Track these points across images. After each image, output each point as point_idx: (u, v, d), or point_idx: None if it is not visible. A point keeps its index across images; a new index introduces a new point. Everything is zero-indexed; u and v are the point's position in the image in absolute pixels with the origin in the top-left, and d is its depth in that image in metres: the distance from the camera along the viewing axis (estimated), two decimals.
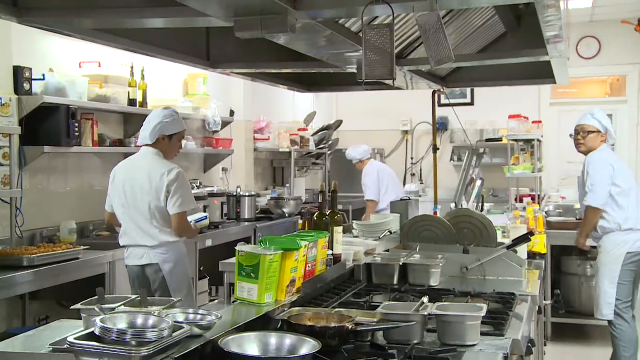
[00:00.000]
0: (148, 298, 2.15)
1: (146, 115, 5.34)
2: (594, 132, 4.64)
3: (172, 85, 6.17)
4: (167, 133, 4.13)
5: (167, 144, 4.15)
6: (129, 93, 5.16)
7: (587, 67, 9.32)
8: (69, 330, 1.90)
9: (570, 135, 4.79)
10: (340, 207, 7.01)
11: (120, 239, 4.11)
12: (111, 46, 3.39)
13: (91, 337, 1.65)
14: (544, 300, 4.89)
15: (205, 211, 5.37)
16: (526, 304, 2.89)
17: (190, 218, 4.45)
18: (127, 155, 5.44)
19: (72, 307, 2.08)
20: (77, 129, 4.53)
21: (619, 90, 9.80)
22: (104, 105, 4.89)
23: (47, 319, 4.40)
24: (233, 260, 2.44)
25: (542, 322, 4.40)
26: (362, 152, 7.50)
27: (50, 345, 1.86)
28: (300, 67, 4.15)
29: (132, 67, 5.19)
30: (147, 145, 4.13)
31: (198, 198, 5.26)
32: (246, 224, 6.19)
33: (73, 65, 4.92)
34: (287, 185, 7.76)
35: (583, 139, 4.68)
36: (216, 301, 5.55)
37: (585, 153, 4.70)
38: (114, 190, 4.15)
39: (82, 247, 4.12)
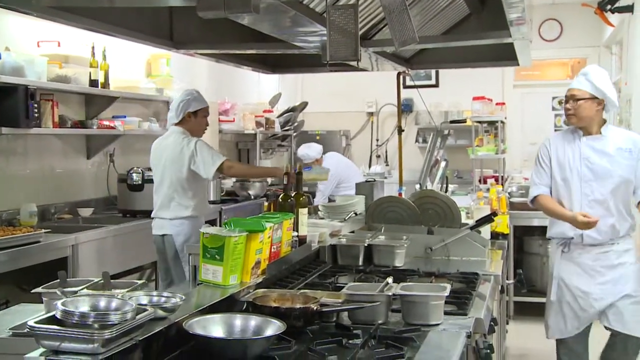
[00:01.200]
0: (111, 281, 2.13)
1: (108, 96, 5.31)
2: (586, 98, 3.56)
3: (135, 66, 6.07)
4: (191, 109, 4.46)
5: (193, 121, 4.48)
6: (90, 73, 5.06)
7: (549, 50, 9.43)
8: (30, 315, 1.88)
9: (560, 102, 4.18)
10: (305, 188, 6.99)
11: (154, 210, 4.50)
12: (70, 25, 3.31)
13: (52, 320, 1.62)
14: (507, 279, 4.98)
15: None
16: (489, 284, 2.94)
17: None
18: (89, 137, 5.41)
19: (32, 291, 2.05)
20: (36, 110, 4.43)
21: None
22: (65, 86, 4.79)
23: (7, 303, 4.32)
24: (198, 242, 2.42)
25: (504, 300, 4.48)
26: (318, 150, 7.06)
27: (10, 329, 1.83)
28: (265, 48, 4.11)
29: (93, 47, 5.08)
30: (174, 124, 4.48)
31: None
32: (211, 206, 6.15)
33: (31, 45, 4.80)
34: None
35: (572, 107, 3.60)
36: (181, 284, 5.52)
37: (582, 127, 3.64)
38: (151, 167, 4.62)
39: (43, 230, 4.06)
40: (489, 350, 2.39)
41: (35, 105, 4.42)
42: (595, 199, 3.58)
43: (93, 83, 5.08)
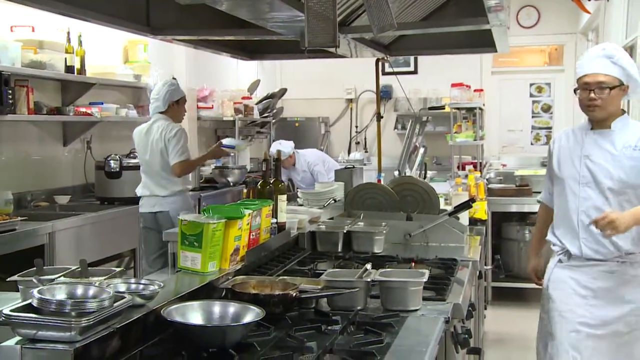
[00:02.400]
0: (89, 269, 2.11)
1: (85, 83, 5.25)
2: (616, 86, 2.85)
3: (112, 52, 6.00)
4: (174, 99, 4.96)
5: (175, 109, 4.99)
6: (65, 59, 4.99)
7: (527, 36, 9.47)
8: (5, 303, 1.85)
9: (575, 91, 2.95)
10: (283, 177, 6.98)
11: (138, 190, 4.93)
12: (44, 9, 3.26)
13: (28, 309, 1.61)
14: (485, 265, 5.02)
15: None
16: (467, 269, 2.96)
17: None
18: (65, 124, 5.35)
19: (8, 279, 2.03)
20: (10, 96, 4.37)
21: (557, 60, 10.02)
22: (40, 72, 4.72)
23: None
24: (176, 229, 2.41)
25: (482, 286, 4.52)
26: (291, 146, 7.08)
27: None
28: (243, 34, 4.08)
29: (68, 33, 5.01)
30: (159, 112, 4.94)
31: (139, 167, 5.18)
32: (190, 193, 6.12)
33: (4, 29, 4.72)
34: (232, 154, 7.69)
35: (600, 97, 2.85)
36: (160, 271, 5.50)
37: (601, 120, 2.93)
38: (137, 151, 5.07)
39: (20, 218, 4.01)
40: (467, 335, 2.41)
41: (10, 91, 4.36)
42: (594, 205, 2.88)
43: (69, 69, 5.03)
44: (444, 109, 8.05)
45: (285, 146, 6.98)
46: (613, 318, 2.88)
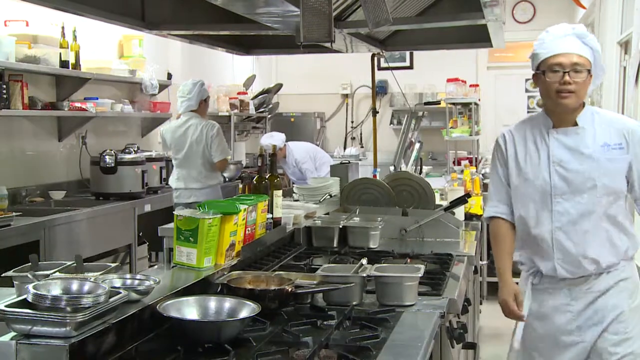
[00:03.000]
0: (84, 264, 2.11)
1: (80, 78, 5.23)
2: (589, 70, 2.45)
3: (107, 47, 5.98)
4: (204, 97, 5.41)
5: (204, 106, 5.45)
6: (60, 54, 4.97)
7: (522, 32, 9.47)
8: (0, 298, 1.85)
9: (538, 75, 2.52)
10: (280, 171, 6.99)
11: (172, 183, 5.41)
12: (38, 4, 3.25)
13: (24, 304, 1.60)
14: (480, 260, 5.03)
15: (143, 176, 5.29)
16: (463, 264, 2.96)
17: None
18: (60, 119, 5.33)
19: (3, 275, 2.02)
20: (4, 91, 4.36)
21: None
22: (34, 67, 4.70)
23: None
24: (172, 225, 2.41)
25: (478, 281, 4.52)
26: (282, 139, 7.10)
27: None
28: (239, 29, 4.07)
29: (63, 27, 4.99)
30: (191, 111, 5.36)
31: (135, 162, 5.18)
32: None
33: None
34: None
35: (575, 81, 2.42)
36: (155, 266, 5.51)
37: (565, 113, 2.49)
38: (166, 149, 5.56)
39: (14, 214, 4.00)
40: (462, 330, 2.42)
41: (4, 86, 4.35)
42: (571, 220, 2.47)
43: (64, 64, 5.00)
44: (439, 104, 8.06)
45: (276, 139, 6.99)
46: (599, 332, 2.52)
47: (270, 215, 2.91)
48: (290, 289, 2.13)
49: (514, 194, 2.60)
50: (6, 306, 1.59)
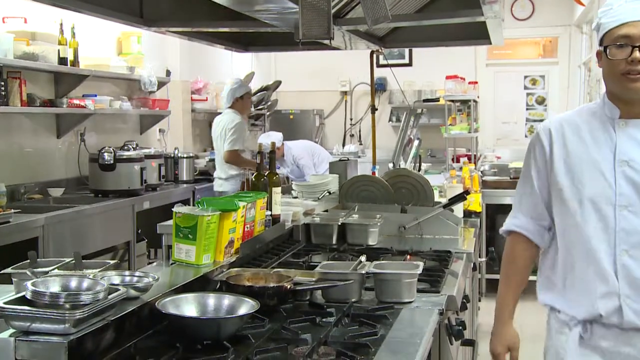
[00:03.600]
0: (83, 261, 2.11)
1: (78, 75, 5.23)
2: None
3: (105, 44, 5.98)
4: (237, 95, 5.89)
5: (241, 103, 5.94)
6: (58, 51, 4.97)
7: (521, 29, 9.47)
8: None
9: (603, 52, 1.92)
10: (283, 165, 6.99)
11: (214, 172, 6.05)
12: (37, 1, 3.25)
13: (22, 301, 1.60)
14: (479, 257, 5.03)
15: (142, 174, 5.28)
16: (461, 261, 2.96)
17: None
18: (58, 116, 5.33)
19: (2, 272, 2.02)
20: (3, 88, 4.35)
21: (551, 52, 10.02)
22: (33, 64, 4.70)
23: None
24: (171, 222, 2.41)
25: (477, 278, 4.53)
26: (279, 138, 7.00)
27: None
28: (238, 26, 4.07)
29: (61, 24, 4.98)
30: (227, 107, 5.93)
31: (134, 160, 5.18)
32: (184, 185, 6.13)
33: None
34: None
35: None
36: (154, 263, 5.51)
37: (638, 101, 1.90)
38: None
39: (13, 211, 4.00)
40: (461, 327, 2.42)
41: (2, 83, 4.35)
42: None
43: (62, 61, 5.00)
44: (438, 101, 8.05)
45: (273, 138, 6.98)
46: None
47: (269, 212, 2.91)
48: (289, 286, 2.13)
49: (558, 206, 1.97)
50: (5, 303, 1.58)
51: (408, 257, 2.88)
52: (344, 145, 9.53)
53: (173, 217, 2.36)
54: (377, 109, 5.56)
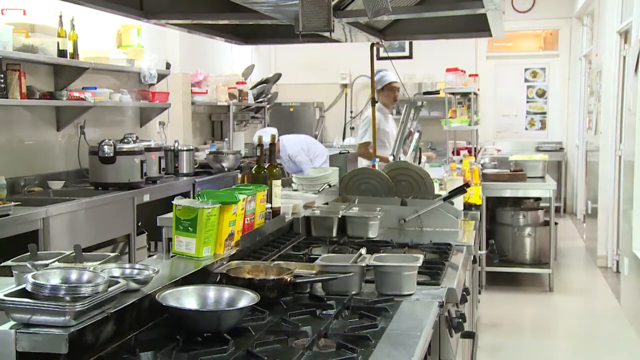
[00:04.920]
0: (83, 254, 2.11)
1: (78, 67, 5.22)
2: None
3: (105, 36, 5.97)
4: (377, 87, 5.64)
5: (383, 94, 5.81)
6: (58, 43, 4.96)
7: (522, 21, 9.45)
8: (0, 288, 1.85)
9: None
10: (279, 160, 6.99)
11: None
12: None
13: (23, 293, 1.60)
14: (479, 250, 5.03)
15: (142, 166, 5.27)
16: (461, 254, 2.96)
17: None
18: (58, 109, 5.32)
19: (2, 265, 2.02)
20: (2, 81, 4.35)
21: (551, 44, 10.00)
22: (32, 56, 4.69)
23: None
24: (171, 215, 2.41)
25: (477, 271, 4.53)
26: (275, 133, 7.24)
27: None
28: (237, 19, 4.05)
29: (60, 16, 4.97)
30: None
31: (134, 152, 5.17)
32: (185, 178, 6.12)
33: None
34: (226, 139, 7.69)
35: None
36: (154, 256, 5.51)
37: None
38: None
39: (13, 203, 4.00)
40: (461, 320, 2.42)
41: (1, 75, 4.34)
42: None
43: (61, 53, 4.99)
44: (438, 93, 8.05)
45: (268, 133, 7.01)
46: None
47: (269, 205, 2.91)
48: (289, 279, 2.13)
49: None
50: (5, 295, 1.59)
51: (407, 249, 2.88)
52: (344, 138, 9.52)
53: (173, 210, 2.35)
54: (377, 102, 5.55)
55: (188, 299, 1.90)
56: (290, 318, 1.94)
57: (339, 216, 3.29)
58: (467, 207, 4.11)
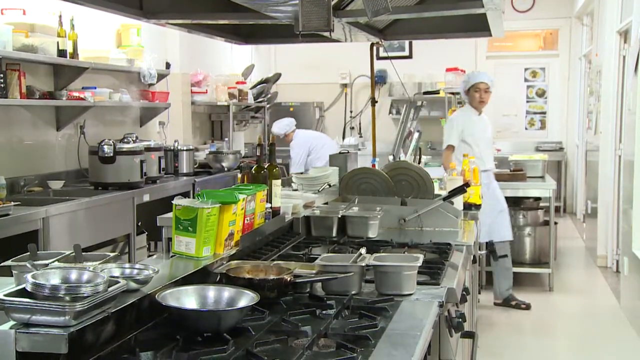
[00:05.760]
0: (83, 254, 2.11)
1: (77, 67, 5.22)
2: None
3: (105, 36, 5.96)
4: (464, 89, 5.61)
5: (469, 96, 5.59)
6: (58, 43, 4.95)
7: (522, 21, 9.45)
8: None
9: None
10: (279, 160, 7.00)
11: None
12: None
13: (22, 293, 1.60)
14: (479, 249, 5.03)
15: (142, 166, 5.27)
16: (461, 254, 2.96)
17: None
18: (58, 109, 5.32)
19: (2, 264, 2.02)
20: (2, 80, 4.34)
21: (551, 44, 10.00)
22: (32, 56, 4.68)
23: None
24: (171, 214, 2.41)
25: (476, 270, 4.53)
26: (284, 126, 7.49)
27: None
28: (237, 18, 4.05)
29: (60, 16, 4.97)
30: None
31: (134, 152, 5.16)
32: (184, 178, 6.12)
33: None
34: (226, 139, 7.69)
35: None
36: (154, 256, 5.51)
37: None
38: None
39: (13, 203, 3.99)
40: (460, 319, 2.42)
41: (1, 75, 4.33)
42: None
43: (61, 53, 4.99)
44: (438, 93, 8.06)
45: (278, 126, 7.18)
46: None
47: (269, 205, 2.90)
48: (289, 279, 2.13)
49: None
50: (5, 295, 1.59)
51: (407, 249, 2.88)
52: (344, 137, 9.52)
53: (173, 210, 2.35)
54: (377, 102, 5.55)
55: (188, 298, 1.90)
56: (290, 318, 1.94)
57: (339, 216, 3.29)
58: (467, 206, 4.11)
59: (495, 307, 5.56)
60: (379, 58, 6.67)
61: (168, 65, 6.66)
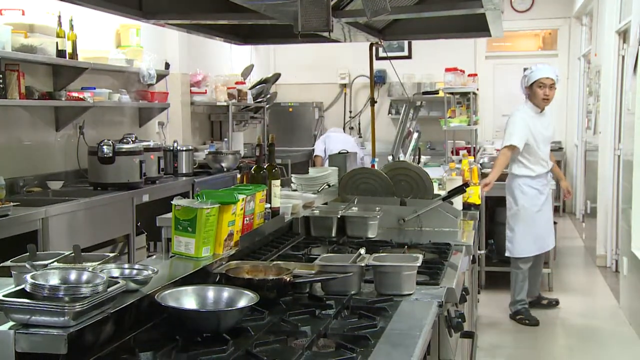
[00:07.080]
0: (82, 254, 2.10)
1: (77, 67, 5.21)
2: None
3: (104, 36, 5.96)
4: (526, 84, 5.27)
5: (531, 92, 5.24)
6: (57, 44, 4.95)
7: (521, 21, 9.45)
8: None
9: None
10: (278, 160, 7.00)
11: None
12: None
13: (22, 294, 1.60)
14: (478, 249, 5.03)
15: (141, 166, 5.26)
16: (461, 254, 2.96)
17: None
18: (57, 109, 5.32)
19: (1, 265, 2.02)
20: (1, 81, 4.34)
21: (550, 44, 10.01)
22: (31, 56, 4.68)
23: None
24: (170, 215, 2.41)
25: (476, 270, 4.54)
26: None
27: None
28: (237, 19, 4.05)
29: (59, 16, 4.96)
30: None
31: (133, 152, 5.16)
32: (184, 178, 6.12)
33: None
34: (225, 139, 7.69)
35: None
36: (154, 256, 5.51)
37: None
38: None
39: (12, 204, 3.99)
40: (460, 319, 2.42)
41: (0, 75, 4.33)
42: None
43: (60, 53, 4.98)
44: (437, 93, 8.05)
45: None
46: None
47: (268, 205, 2.90)
48: (288, 279, 2.13)
49: None
50: (4, 296, 1.58)
51: (407, 249, 2.88)
52: None
53: (172, 210, 2.35)
54: (376, 102, 5.55)
55: (187, 299, 1.90)
56: (290, 318, 1.94)
57: (338, 216, 3.29)
58: (467, 206, 4.11)
59: (496, 308, 5.56)
60: (378, 58, 6.67)
61: (167, 66, 6.66)
